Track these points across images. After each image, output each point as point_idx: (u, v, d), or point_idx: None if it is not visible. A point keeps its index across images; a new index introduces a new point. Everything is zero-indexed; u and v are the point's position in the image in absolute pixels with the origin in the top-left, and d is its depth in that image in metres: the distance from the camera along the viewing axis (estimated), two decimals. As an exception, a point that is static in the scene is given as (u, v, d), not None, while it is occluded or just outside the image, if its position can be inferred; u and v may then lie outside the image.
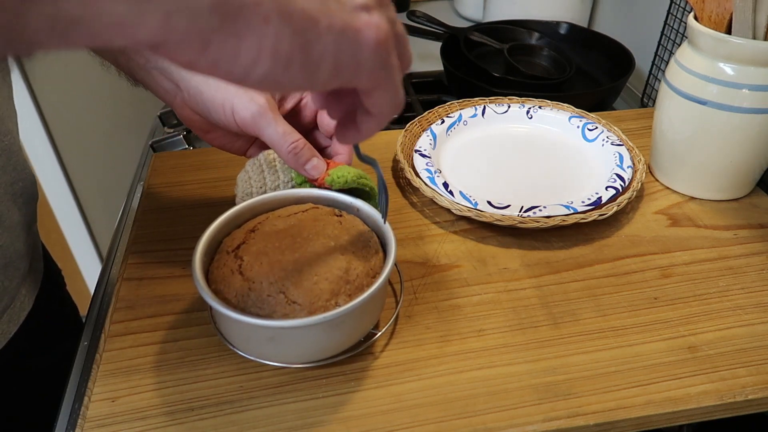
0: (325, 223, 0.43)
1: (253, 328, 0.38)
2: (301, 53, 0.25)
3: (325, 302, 0.39)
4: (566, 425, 0.40)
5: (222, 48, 0.23)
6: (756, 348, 0.45)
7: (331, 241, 0.42)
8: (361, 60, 0.27)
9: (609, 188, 0.57)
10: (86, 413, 0.41)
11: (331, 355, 0.42)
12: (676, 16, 0.77)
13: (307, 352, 0.41)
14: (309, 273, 0.39)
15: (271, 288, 0.39)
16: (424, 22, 0.91)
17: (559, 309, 0.48)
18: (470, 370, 0.43)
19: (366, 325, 0.43)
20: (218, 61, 0.24)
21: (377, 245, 0.44)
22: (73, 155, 1.45)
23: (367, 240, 0.43)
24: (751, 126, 0.54)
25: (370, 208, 0.46)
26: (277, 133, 0.45)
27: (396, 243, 0.42)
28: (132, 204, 0.68)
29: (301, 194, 0.48)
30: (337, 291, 0.39)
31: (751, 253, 0.54)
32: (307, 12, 0.25)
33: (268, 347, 0.40)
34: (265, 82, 0.26)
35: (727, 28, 0.54)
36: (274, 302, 0.38)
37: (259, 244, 0.41)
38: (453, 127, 0.68)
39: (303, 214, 0.44)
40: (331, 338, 0.40)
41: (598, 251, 0.54)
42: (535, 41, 0.91)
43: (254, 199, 0.47)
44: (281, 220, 0.44)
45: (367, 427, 0.40)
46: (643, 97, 0.86)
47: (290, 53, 0.25)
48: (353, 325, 0.41)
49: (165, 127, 0.81)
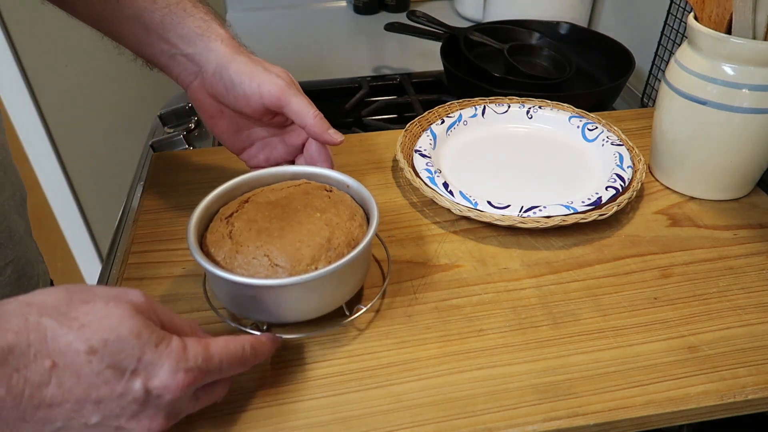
0: (314, 197, 0.46)
1: (238, 286, 0.41)
2: None
3: (306, 266, 0.42)
4: (566, 425, 0.40)
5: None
6: (756, 348, 0.45)
7: (317, 212, 0.45)
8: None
9: (609, 188, 0.57)
10: (86, 413, 0.41)
11: (312, 317, 0.45)
12: (676, 16, 0.77)
13: (288, 312, 0.43)
14: (293, 239, 0.43)
15: (257, 251, 0.42)
16: (424, 22, 0.91)
17: (559, 309, 0.48)
18: (470, 370, 0.43)
19: (344, 291, 0.45)
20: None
21: (362, 219, 0.47)
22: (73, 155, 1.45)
23: (352, 213, 0.46)
24: (751, 126, 0.54)
25: (359, 185, 0.49)
26: (303, 103, 0.50)
27: (379, 217, 0.45)
28: (132, 204, 0.68)
29: (296, 171, 0.51)
30: (318, 257, 0.42)
31: (751, 253, 0.54)
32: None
33: (251, 305, 0.43)
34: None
35: (727, 28, 0.54)
36: (258, 264, 0.42)
37: (250, 213, 0.45)
38: (453, 127, 0.68)
39: (295, 188, 0.48)
40: (311, 300, 0.43)
41: (598, 251, 0.54)
42: (535, 41, 0.91)
43: (251, 173, 0.50)
44: (274, 193, 0.47)
45: (367, 427, 0.40)
46: (643, 97, 0.86)
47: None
48: (331, 290, 0.44)
49: (165, 127, 0.81)
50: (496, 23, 0.94)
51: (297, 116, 0.51)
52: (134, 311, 0.33)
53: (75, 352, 0.30)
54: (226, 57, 0.51)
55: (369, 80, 0.93)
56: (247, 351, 0.38)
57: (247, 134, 0.56)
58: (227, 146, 0.57)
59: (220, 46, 0.51)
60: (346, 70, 0.98)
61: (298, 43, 1.12)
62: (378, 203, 0.46)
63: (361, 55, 1.07)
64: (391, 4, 1.24)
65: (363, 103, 0.90)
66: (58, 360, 0.30)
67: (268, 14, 1.24)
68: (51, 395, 0.30)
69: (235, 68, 0.50)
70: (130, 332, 0.32)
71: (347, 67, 1.01)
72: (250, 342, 0.38)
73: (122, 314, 0.32)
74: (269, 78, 0.50)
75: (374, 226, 0.44)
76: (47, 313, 0.31)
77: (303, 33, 1.17)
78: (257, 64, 0.51)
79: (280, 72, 0.52)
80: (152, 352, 0.32)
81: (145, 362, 0.32)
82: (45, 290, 0.32)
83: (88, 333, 0.31)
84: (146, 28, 0.51)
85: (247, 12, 1.25)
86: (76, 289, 0.33)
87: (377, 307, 0.48)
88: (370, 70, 1.00)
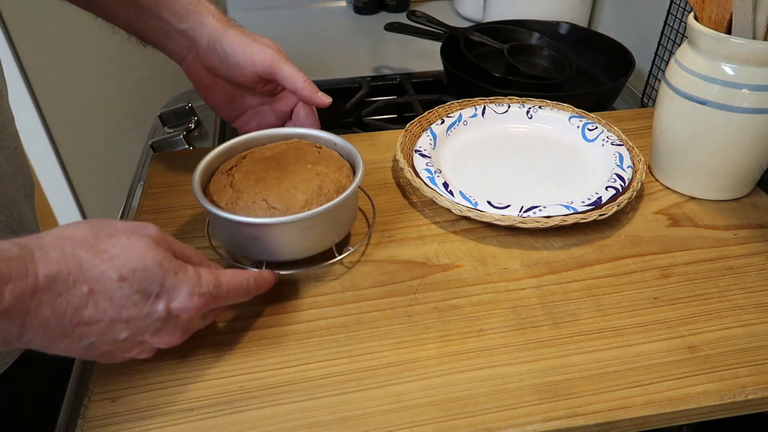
0: (305, 152, 0.52)
1: (241, 226, 0.46)
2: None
3: (300, 209, 0.47)
4: (566, 425, 0.40)
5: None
6: (756, 348, 0.45)
7: (309, 164, 0.50)
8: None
9: (609, 188, 0.57)
10: (86, 413, 0.41)
11: (307, 255, 0.50)
12: (676, 16, 0.77)
13: (284, 250, 0.48)
14: (288, 186, 0.48)
15: (256, 197, 0.48)
16: (424, 22, 0.91)
17: (559, 309, 0.48)
18: (470, 370, 0.43)
19: (334, 232, 0.50)
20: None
21: (349, 171, 0.52)
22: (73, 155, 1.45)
23: (340, 166, 0.52)
24: (751, 126, 0.54)
25: (345, 143, 0.54)
26: (293, 69, 0.55)
27: (363, 168, 0.51)
28: (132, 204, 0.68)
29: (288, 132, 0.56)
30: (310, 201, 0.48)
31: (751, 253, 0.54)
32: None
33: (253, 245, 0.48)
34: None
35: (727, 28, 0.54)
36: (257, 208, 0.47)
37: (249, 166, 0.50)
38: (453, 127, 0.68)
39: (287, 145, 0.53)
40: (304, 238, 0.48)
41: (598, 251, 0.54)
42: (535, 41, 0.91)
43: (247, 134, 0.55)
44: (269, 150, 0.53)
45: (367, 427, 0.40)
46: (643, 97, 0.86)
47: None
48: (322, 230, 0.49)
49: (165, 127, 0.81)
50: (496, 23, 0.94)
51: (288, 81, 0.55)
52: (154, 243, 0.37)
53: (108, 279, 0.35)
54: (218, 31, 0.54)
55: (369, 80, 0.93)
56: (250, 283, 0.43)
57: (239, 103, 0.60)
58: (221, 115, 0.61)
59: (212, 21, 0.55)
60: (346, 70, 0.98)
61: (298, 43, 1.12)
62: (376, 204, 0.50)
63: (361, 55, 1.07)
64: (391, 4, 1.24)
65: (363, 103, 0.90)
66: (93, 286, 0.35)
67: (268, 14, 1.24)
68: (88, 315, 0.35)
69: (227, 41, 0.54)
70: (153, 262, 0.37)
71: (347, 67, 1.01)
72: (253, 276, 0.44)
73: (144, 246, 0.37)
74: (260, 48, 0.54)
75: (359, 175, 0.50)
76: (80, 246, 0.35)
77: (303, 33, 1.17)
78: (247, 36, 0.55)
79: (269, 42, 0.56)
80: (173, 278, 0.37)
81: (166, 287, 0.37)
82: (72, 224, 0.37)
83: (118, 263, 0.36)
84: (139, 7, 0.53)
85: (247, 12, 1.25)
86: (99, 224, 0.37)
87: (363, 249, 0.54)
88: (370, 70, 1.00)
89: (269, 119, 0.61)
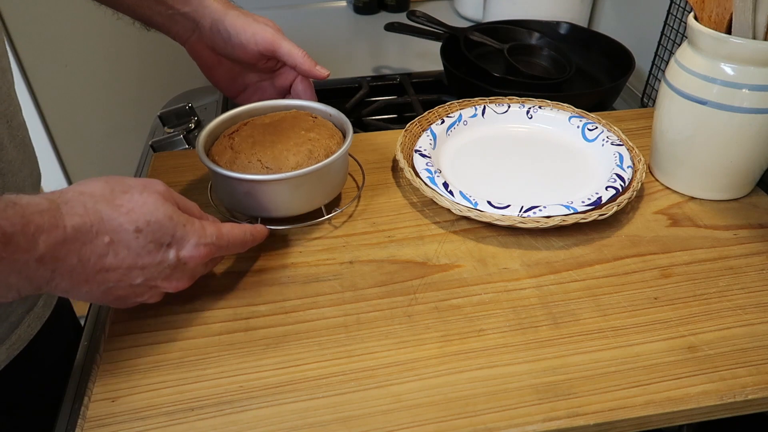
0: (301, 120, 0.57)
1: (236, 182, 0.51)
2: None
3: (290, 169, 0.52)
4: (566, 425, 0.40)
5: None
6: (756, 348, 0.45)
7: (302, 131, 0.55)
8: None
9: (609, 188, 0.57)
10: (86, 413, 0.41)
11: (297, 213, 0.55)
12: (676, 16, 0.77)
13: (277, 206, 0.53)
14: (281, 149, 0.53)
15: (252, 157, 0.53)
16: (424, 22, 0.91)
17: (559, 309, 0.48)
18: (470, 370, 0.43)
19: (323, 193, 0.55)
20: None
21: (340, 139, 0.57)
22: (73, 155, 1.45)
23: (332, 134, 0.56)
24: (751, 126, 0.54)
25: (339, 114, 0.59)
26: (292, 45, 0.60)
27: (352, 135, 0.55)
28: (132, 204, 0.68)
29: (288, 103, 0.61)
30: (301, 162, 0.53)
31: (751, 253, 0.54)
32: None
33: (247, 201, 0.53)
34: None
35: (727, 28, 0.54)
36: (252, 167, 0.52)
37: (248, 131, 0.56)
38: (453, 127, 0.68)
39: (286, 114, 0.58)
40: (295, 196, 0.53)
41: (598, 251, 0.54)
42: (535, 41, 0.91)
43: (250, 104, 0.60)
44: (268, 117, 0.58)
45: (367, 427, 0.40)
46: (643, 97, 0.86)
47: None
48: (311, 189, 0.54)
49: (165, 127, 0.81)
50: (496, 23, 0.94)
51: (288, 57, 0.60)
52: (163, 199, 0.41)
53: (126, 231, 0.39)
54: (220, 12, 0.58)
55: (369, 80, 0.93)
56: (247, 235, 0.48)
57: (241, 80, 0.64)
58: (224, 92, 0.66)
59: (213, 3, 0.59)
60: (346, 70, 0.98)
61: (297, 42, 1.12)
62: (377, 202, 0.52)
63: (361, 55, 1.07)
64: (391, 4, 1.24)
65: (363, 103, 0.90)
66: (113, 237, 0.39)
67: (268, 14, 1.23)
68: (109, 263, 0.39)
69: (230, 21, 0.58)
70: (164, 215, 0.41)
71: (347, 67, 1.00)
72: (249, 229, 0.48)
73: (156, 201, 0.41)
74: (261, 27, 0.59)
75: (348, 139, 0.55)
76: (99, 201, 0.39)
77: (303, 33, 1.17)
78: (248, 16, 0.59)
79: (268, 21, 0.60)
80: (182, 230, 0.42)
81: (177, 238, 0.42)
82: (88, 181, 0.41)
83: (134, 216, 0.39)
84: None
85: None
86: (113, 180, 0.41)
87: (351, 211, 0.58)
88: (370, 70, 1.00)
89: (269, 94, 0.65)
